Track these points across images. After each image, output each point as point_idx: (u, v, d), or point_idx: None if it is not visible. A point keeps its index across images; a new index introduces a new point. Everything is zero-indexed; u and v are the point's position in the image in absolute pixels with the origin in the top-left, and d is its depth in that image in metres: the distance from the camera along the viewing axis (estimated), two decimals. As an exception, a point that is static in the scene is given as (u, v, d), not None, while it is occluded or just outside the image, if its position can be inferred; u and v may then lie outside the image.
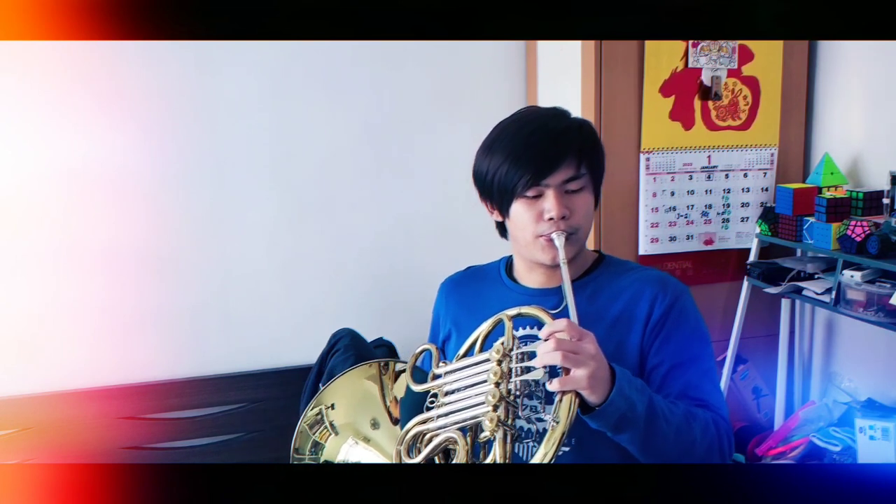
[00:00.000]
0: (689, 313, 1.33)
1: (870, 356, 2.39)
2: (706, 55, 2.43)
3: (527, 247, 1.33)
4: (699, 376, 1.29)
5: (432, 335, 1.53)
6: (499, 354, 1.19)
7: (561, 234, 1.27)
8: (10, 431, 2.49)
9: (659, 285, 1.33)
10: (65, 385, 2.55)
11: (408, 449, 1.27)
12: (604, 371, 1.12)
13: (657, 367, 1.29)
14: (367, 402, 1.42)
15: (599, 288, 1.36)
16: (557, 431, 1.09)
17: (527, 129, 1.30)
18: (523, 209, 1.30)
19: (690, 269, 2.55)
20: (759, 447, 2.47)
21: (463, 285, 1.50)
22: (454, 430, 1.22)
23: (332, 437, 1.39)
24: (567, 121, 1.33)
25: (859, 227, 2.09)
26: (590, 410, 1.12)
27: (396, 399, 1.42)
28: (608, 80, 2.38)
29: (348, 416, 1.41)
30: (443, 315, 1.50)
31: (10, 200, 2.47)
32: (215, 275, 2.67)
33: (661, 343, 1.29)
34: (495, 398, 1.15)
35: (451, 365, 1.30)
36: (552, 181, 1.27)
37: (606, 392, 1.11)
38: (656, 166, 2.45)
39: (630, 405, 1.12)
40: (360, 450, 1.38)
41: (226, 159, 2.63)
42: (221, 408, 2.66)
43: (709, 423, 1.22)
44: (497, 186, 1.30)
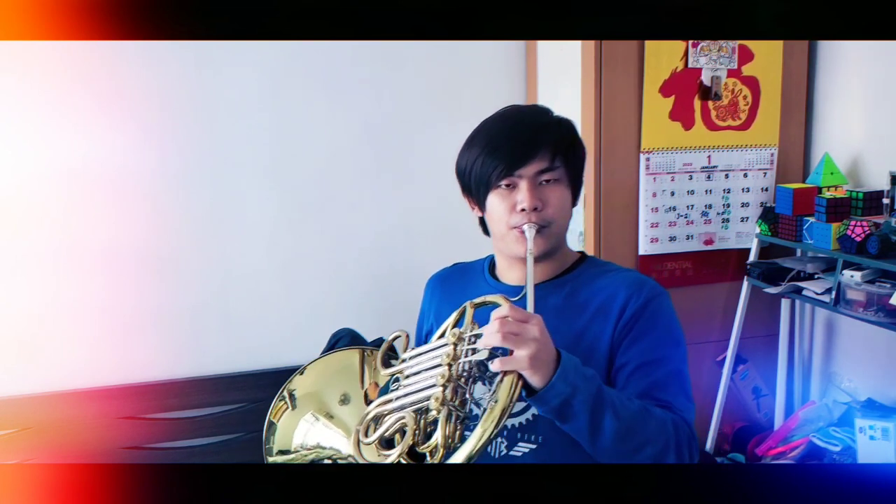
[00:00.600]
0: (663, 315, 1.33)
1: (870, 356, 2.39)
2: (706, 55, 2.43)
3: (502, 239, 1.35)
4: (666, 378, 1.28)
5: (418, 330, 1.56)
6: (454, 338, 1.21)
7: (532, 225, 1.29)
8: (10, 431, 2.49)
9: (635, 286, 1.33)
10: (65, 385, 2.55)
11: (366, 429, 1.28)
12: (547, 354, 1.12)
13: (624, 366, 1.29)
14: (341, 376, 1.40)
15: (578, 286, 1.37)
16: (496, 410, 1.09)
17: (505, 124, 1.34)
18: (498, 200, 1.32)
19: (690, 269, 2.55)
20: (759, 447, 2.47)
21: (448, 281, 1.53)
22: (408, 411, 1.23)
23: (287, 411, 1.37)
24: (546, 117, 1.36)
25: (859, 227, 2.09)
26: (533, 394, 1.13)
27: (377, 384, 1.41)
28: (608, 80, 2.38)
29: (316, 384, 1.38)
30: (426, 309, 1.53)
31: (10, 200, 2.47)
32: (215, 275, 2.67)
33: (629, 342, 1.30)
34: (444, 378, 1.17)
35: (415, 350, 1.32)
36: (525, 172, 1.29)
37: (549, 375, 1.11)
38: (656, 166, 2.45)
39: (574, 390, 1.12)
40: (320, 427, 1.36)
41: (226, 159, 2.63)
42: (221, 408, 2.66)
43: (666, 423, 1.20)
44: (474, 179, 1.33)
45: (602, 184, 2.43)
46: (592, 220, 2.45)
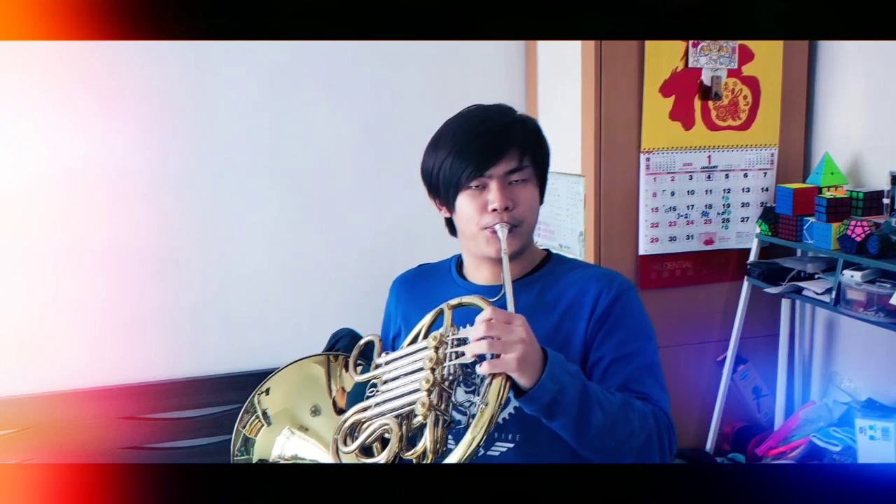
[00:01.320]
0: (633, 309, 1.34)
1: (870, 356, 2.39)
2: (706, 55, 2.43)
3: (472, 239, 1.35)
4: (640, 370, 1.29)
5: (383, 332, 1.55)
6: (435, 342, 1.20)
7: (504, 225, 1.29)
8: (10, 431, 2.50)
9: (604, 281, 1.34)
10: (65, 385, 2.55)
11: (344, 437, 1.27)
12: (534, 355, 1.12)
13: (599, 361, 1.30)
14: (309, 388, 1.40)
15: (548, 284, 1.37)
16: (486, 414, 1.09)
17: (470, 124, 1.33)
18: (468, 201, 1.31)
19: (690, 269, 2.55)
20: (759, 447, 2.47)
21: (414, 283, 1.52)
22: (390, 418, 1.22)
23: (263, 429, 1.36)
24: (510, 116, 1.36)
25: (859, 227, 2.09)
26: (522, 394, 1.13)
27: (344, 390, 1.40)
28: (608, 80, 2.38)
29: (286, 402, 1.38)
30: (393, 312, 1.52)
31: (10, 200, 2.47)
32: (215, 275, 2.67)
33: (603, 337, 1.31)
34: (429, 383, 1.16)
35: (391, 354, 1.31)
36: (495, 172, 1.29)
37: (537, 375, 1.11)
38: (656, 166, 2.45)
39: (561, 388, 1.12)
40: (296, 441, 1.35)
41: (226, 159, 2.63)
42: (221, 408, 2.66)
43: (647, 415, 1.21)
44: (442, 180, 1.33)
45: (602, 184, 2.43)
46: (592, 220, 2.45)
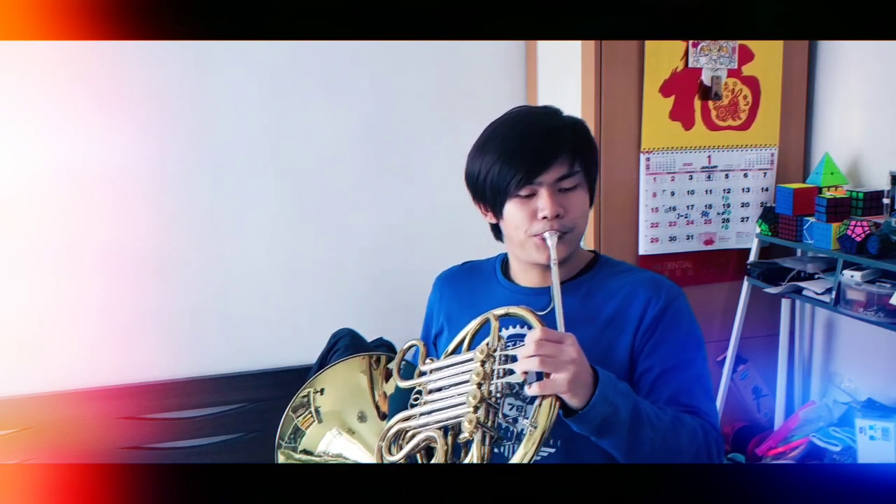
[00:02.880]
0: (683, 317, 1.32)
1: (870, 356, 2.39)
2: (706, 55, 2.43)
3: (521, 246, 1.32)
4: (690, 382, 1.27)
5: (425, 329, 1.53)
6: (482, 355, 1.18)
7: (554, 233, 1.26)
8: (10, 431, 2.49)
9: (653, 288, 1.31)
10: (65, 385, 2.55)
11: (389, 445, 1.27)
12: (585, 375, 1.11)
13: (647, 371, 1.27)
14: (356, 393, 1.41)
15: (593, 288, 1.34)
16: (536, 435, 1.09)
17: (518, 128, 1.29)
18: (516, 209, 1.28)
19: (690, 269, 2.55)
20: (759, 447, 2.47)
21: (458, 280, 1.49)
22: (435, 430, 1.21)
23: (314, 424, 1.38)
24: (559, 119, 1.32)
25: (859, 227, 2.09)
26: (572, 413, 1.11)
27: (385, 394, 1.41)
28: (608, 80, 2.38)
29: (336, 404, 1.39)
30: (436, 309, 1.49)
31: (10, 200, 2.47)
32: (215, 275, 2.67)
33: (652, 346, 1.28)
34: (476, 399, 1.15)
35: (436, 363, 1.29)
36: (545, 179, 1.26)
37: (588, 396, 1.10)
38: (656, 166, 2.45)
39: (613, 409, 1.11)
40: (343, 441, 1.37)
41: (226, 159, 2.63)
42: (221, 408, 2.66)
43: (697, 431, 1.20)
44: (490, 187, 1.29)
45: (602, 184, 2.43)
46: (592, 220, 2.45)
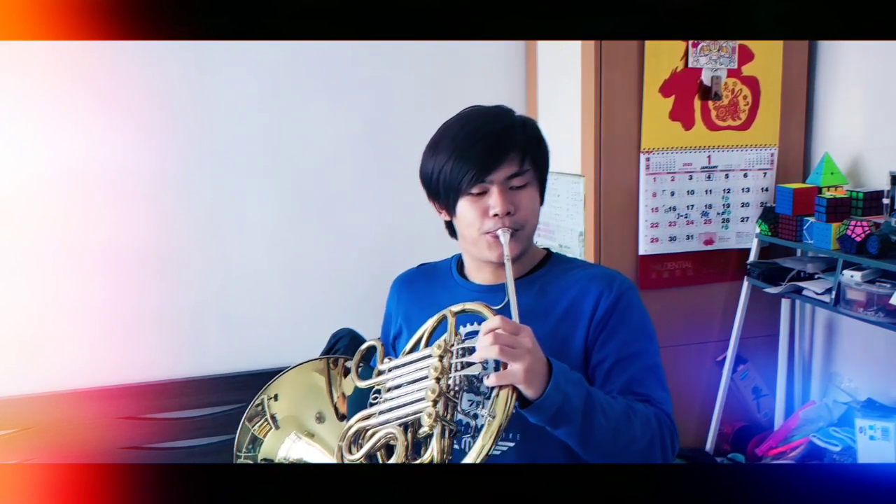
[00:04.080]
0: (634, 309, 1.34)
1: (870, 356, 2.39)
2: (706, 55, 2.43)
3: (474, 244, 1.34)
4: (643, 372, 1.29)
5: (384, 332, 1.54)
6: (440, 350, 1.19)
7: (506, 230, 1.28)
8: (10, 431, 2.49)
9: (605, 282, 1.34)
10: (65, 385, 2.55)
11: (349, 445, 1.27)
12: (540, 365, 1.12)
13: (601, 363, 1.30)
14: (313, 395, 1.41)
15: (547, 284, 1.37)
16: (494, 426, 1.10)
17: (469, 128, 1.31)
18: (469, 206, 1.31)
19: (690, 269, 2.54)
20: (759, 447, 2.47)
21: (414, 282, 1.51)
22: (395, 426, 1.22)
23: (272, 431, 1.38)
24: (510, 119, 1.35)
25: (859, 227, 2.09)
26: (527, 405, 1.13)
27: (344, 395, 1.41)
28: (608, 80, 2.38)
29: (292, 408, 1.39)
30: (394, 312, 1.51)
31: (10, 200, 2.47)
32: (215, 275, 2.67)
33: (605, 338, 1.30)
34: (435, 393, 1.16)
35: (394, 361, 1.30)
36: (496, 177, 1.28)
37: (543, 386, 1.11)
38: (656, 166, 2.45)
39: (566, 398, 1.12)
40: (302, 445, 1.37)
41: (226, 159, 2.63)
42: (221, 408, 2.66)
43: (650, 418, 1.22)
44: (443, 185, 1.32)
45: (602, 184, 2.43)
46: (592, 220, 2.45)
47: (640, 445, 1.20)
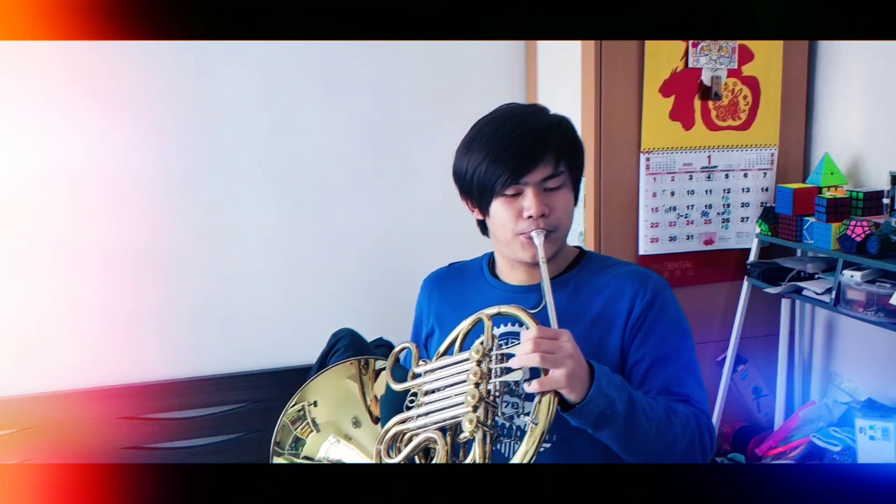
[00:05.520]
0: (670, 308, 1.33)
1: (870, 356, 2.39)
2: (706, 55, 2.43)
3: (507, 245, 1.33)
4: (680, 371, 1.29)
5: (415, 332, 1.54)
6: (478, 354, 1.19)
7: (540, 232, 1.28)
8: (10, 431, 2.49)
9: (639, 281, 1.33)
10: (65, 385, 2.55)
11: (388, 448, 1.27)
12: (582, 369, 1.12)
13: (638, 364, 1.29)
14: (348, 400, 1.42)
15: (580, 285, 1.36)
16: (537, 432, 1.10)
17: (505, 128, 1.29)
18: (503, 207, 1.30)
19: (690, 269, 2.54)
20: (759, 447, 2.47)
21: (446, 281, 1.50)
22: (434, 430, 1.22)
23: (313, 433, 1.40)
24: (546, 118, 1.33)
25: (859, 227, 2.09)
26: (569, 408, 1.13)
27: (377, 398, 1.42)
28: (608, 80, 2.38)
29: (330, 414, 1.41)
30: (426, 311, 1.50)
31: (10, 200, 2.47)
32: (215, 275, 2.67)
33: (642, 339, 1.30)
34: (475, 399, 1.15)
35: (430, 364, 1.30)
36: (531, 179, 1.27)
37: (585, 390, 1.11)
38: (656, 166, 2.45)
39: (609, 402, 1.12)
40: (341, 448, 1.39)
41: (226, 159, 2.63)
42: (221, 408, 2.66)
43: (689, 419, 1.22)
44: (477, 185, 1.31)
45: (602, 184, 2.43)
46: (592, 220, 2.45)
47: (681, 445, 1.20)
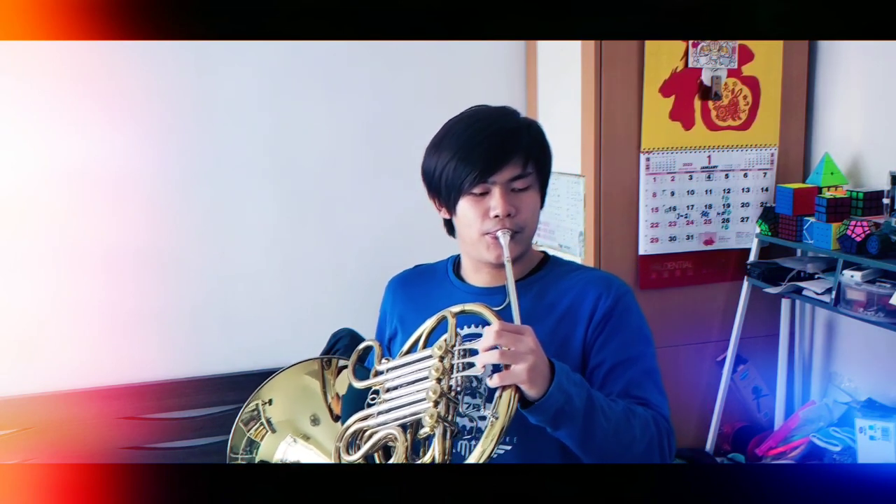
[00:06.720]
0: (632, 313, 1.34)
1: (870, 356, 2.39)
2: (706, 55, 2.43)
3: (473, 245, 1.34)
4: (641, 376, 1.30)
5: (379, 333, 1.54)
6: (441, 351, 1.19)
7: (506, 232, 1.28)
8: (10, 431, 2.50)
9: (603, 285, 1.34)
10: (65, 385, 2.55)
11: (347, 446, 1.27)
12: (543, 365, 1.13)
13: (599, 366, 1.30)
14: (306, 398, 1.40)
15: (545, 287, 1.37)
16: (496, 427, 1.10)
17: (475, 127, 1.31)
18: (469, 206, 1.30)
19: (690, 269, 2.54)
20: (759, 447, 2.47)
21: (410, 283, 1.51)
22: (394, 427, 1.22)
23: (268, 434, 1.37)
24: (515, 120, 1.34)
25: (859, 227, 2.09)
26: (528, 405, 1.13)
27: (338, 396, 1.40)
28: (608, 80, 2.38)
29: (287, 412, 1.38)
30: (389, 313, 1.50)
31: (10, 200, 2.47)
32: (215, 275, 2.67)
33: (603, 342, 1.31)
34: (436, 394, 1.16)
35: (393, 362, 1.30)
36: (498, 179, 1.28)
37: (545, 386, 1.12)
38: (656, 166, 2.45)
39: (567, 399, 1.13)
40: (299, 448, 1.36)
41: (226, 159, 2.64)
42: (221, 408, 2.66)
43: (648, 421, 1.23)
44: (444, 183, 1.31)
45: (602, 184, 2.43)
46: (592, 220, 2.45)
47: (639, 448, 1.20)
